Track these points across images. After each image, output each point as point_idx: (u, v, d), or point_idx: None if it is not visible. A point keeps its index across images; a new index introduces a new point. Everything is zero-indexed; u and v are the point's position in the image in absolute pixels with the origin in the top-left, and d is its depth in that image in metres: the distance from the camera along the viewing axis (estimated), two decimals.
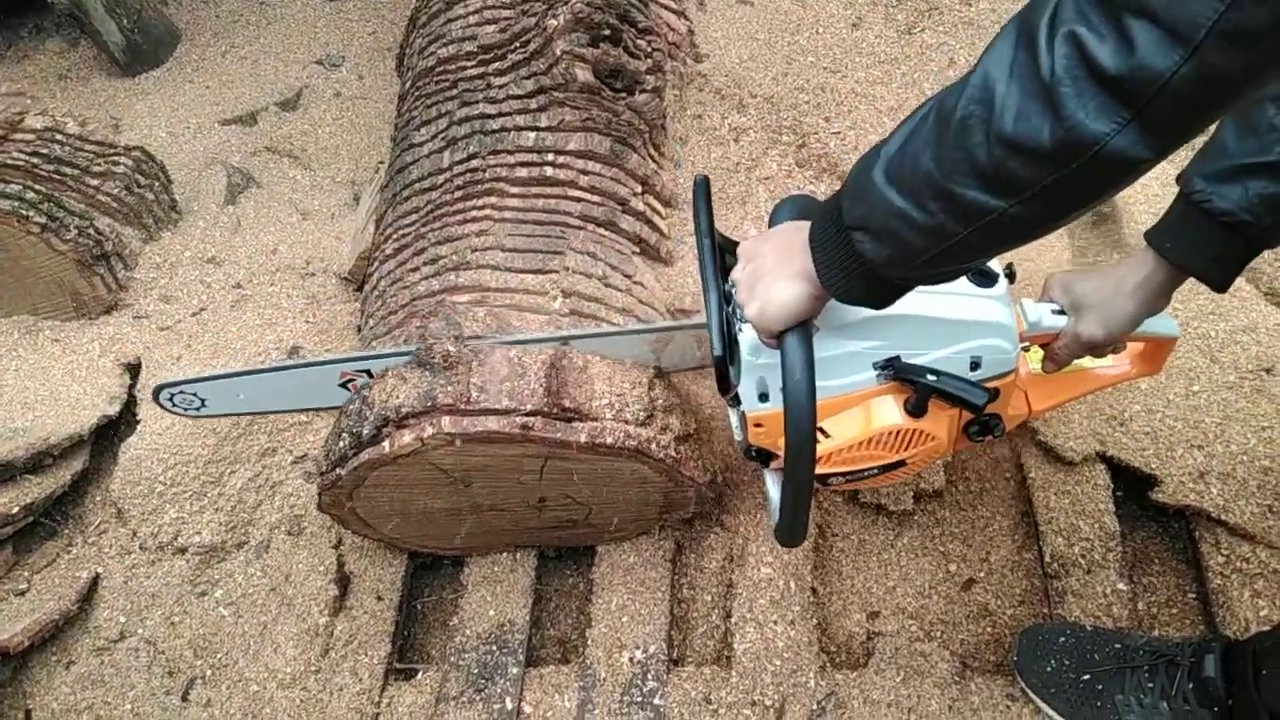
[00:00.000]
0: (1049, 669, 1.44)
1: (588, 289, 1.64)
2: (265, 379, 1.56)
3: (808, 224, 0.99)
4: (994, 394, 1.18)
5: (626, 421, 1.45)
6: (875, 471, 1.26)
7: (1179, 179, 1.14)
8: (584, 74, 1.81)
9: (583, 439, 1.42)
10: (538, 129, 1.82)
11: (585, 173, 1.80)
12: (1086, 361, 1.34)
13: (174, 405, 1.61)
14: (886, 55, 2.29)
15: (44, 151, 2.10)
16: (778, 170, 2.12)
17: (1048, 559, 1.60)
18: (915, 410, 1.17)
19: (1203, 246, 1.13)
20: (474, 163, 1.81)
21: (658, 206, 1.94)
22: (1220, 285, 1.16)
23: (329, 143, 2.65)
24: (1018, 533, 1.70)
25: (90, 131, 2.26)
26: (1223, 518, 1.57)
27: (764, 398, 1.19)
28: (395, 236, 1.85)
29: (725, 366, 1.13)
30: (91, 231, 2.11)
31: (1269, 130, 1.05)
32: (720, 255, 1.14)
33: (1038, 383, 1.38)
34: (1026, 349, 1.35)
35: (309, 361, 1.53)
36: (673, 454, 1.49)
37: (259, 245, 2.30)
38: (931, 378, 1.13)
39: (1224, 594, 1.54)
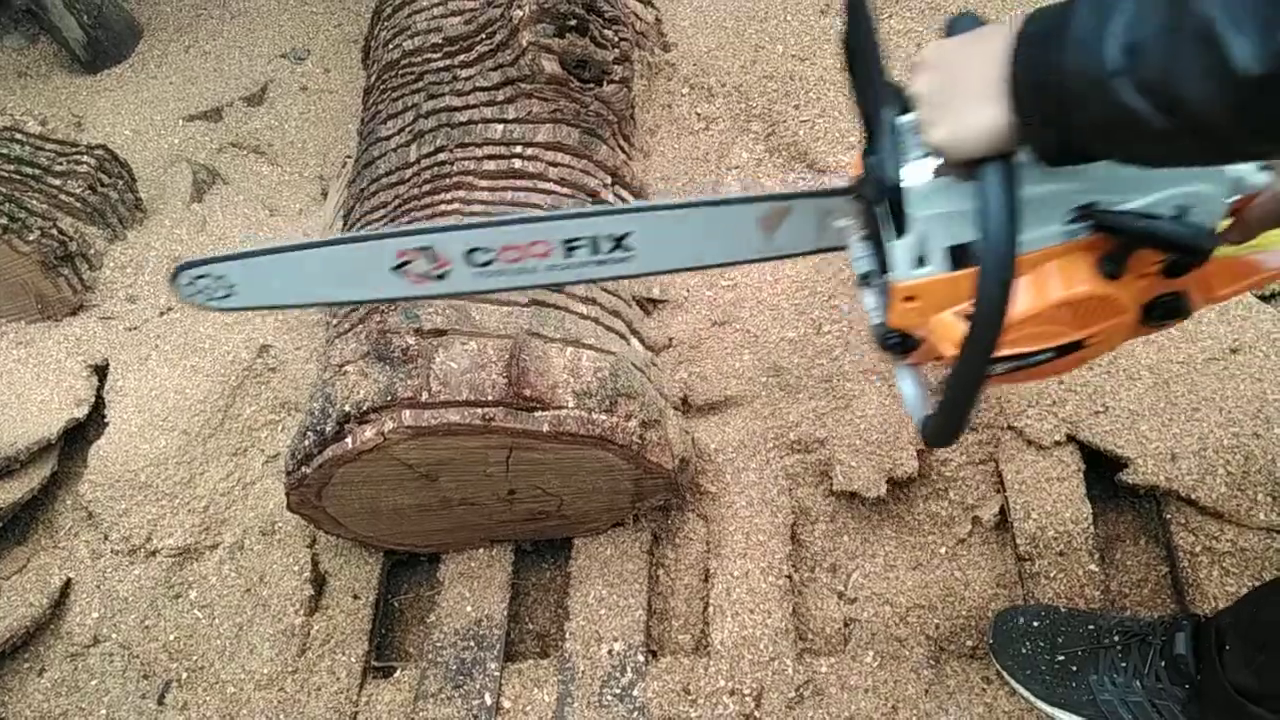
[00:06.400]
0: (1024, 651, 1.46)
1: None
2: (308, 256, 1.18)
3: (1007, 28, 0.78)
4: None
5: (589, 409, 1.45)
6: (1050, 355, 1.04)
7: None
8: (551, 65, 1.80)
9: (545, 428, 1.41)
10: (505, 121, 1.81)
11: (554, 165, 1.79)
12: (1274, 236, 1.11)
13: (196, 291, 1.23)
14: None
15: (4, 151, 2.06)
16: (748, 159, 2.11)
17: (1020, 543, 1.61)
18: (1114, 268, 0.95)
19: None
20: (441, 156, 1.79)
21: (628, 198, 1.93)
22: None
23: (295, 138, 2.62)
24: (990, 516, 1.71)
25: (51, 130, 2.22)
26: (1192, 497, 1.58)
27: (922, 261, 0.95)
28: None
29: (899, 203, 0.91)
30: (55, 232, 2.08)
31: None
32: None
33: (1216, 264, 1.12)
34: None
35: (358, 236, 1.22)
36: (637, 440, 1.49)
37: (226, 242, 2.26)
38: (1143, 221, 0.91)
39: (1194, 572, 1.56)
